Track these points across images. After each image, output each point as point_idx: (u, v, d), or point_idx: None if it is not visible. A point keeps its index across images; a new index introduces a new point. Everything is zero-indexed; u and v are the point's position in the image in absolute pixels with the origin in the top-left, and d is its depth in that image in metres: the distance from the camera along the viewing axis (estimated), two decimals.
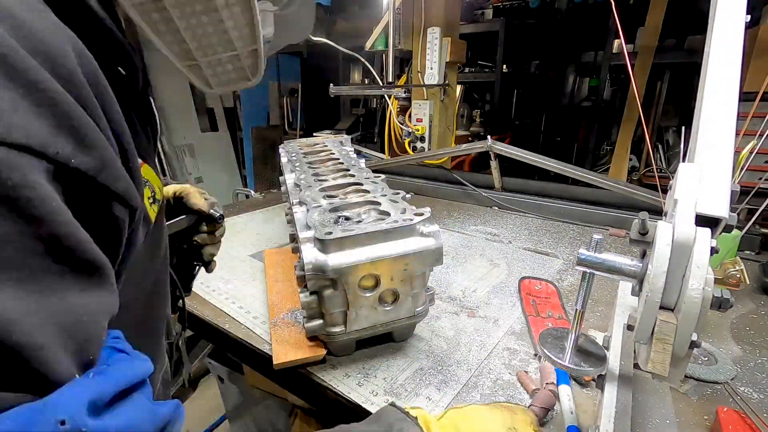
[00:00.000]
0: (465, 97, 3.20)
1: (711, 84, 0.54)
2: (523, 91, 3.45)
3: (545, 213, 1.61)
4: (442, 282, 1.09)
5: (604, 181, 1.48)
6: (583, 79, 3.25)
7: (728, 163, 0.49)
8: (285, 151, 1.30)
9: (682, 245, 0.44)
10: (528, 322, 0.90)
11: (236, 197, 2.30)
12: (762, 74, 1.08)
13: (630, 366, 0.61)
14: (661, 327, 0.44)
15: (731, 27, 0.56)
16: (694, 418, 0.65)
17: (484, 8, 2.92)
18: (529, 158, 1.59)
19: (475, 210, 1.72)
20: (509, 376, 0.75)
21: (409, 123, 2.09)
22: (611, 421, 0.53)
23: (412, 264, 0.70)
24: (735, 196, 0.48)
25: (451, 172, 1.93)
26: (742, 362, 0.78)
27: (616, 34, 2.40)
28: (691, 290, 0.42)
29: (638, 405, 0.64)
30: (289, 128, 3.63)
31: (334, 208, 0.80)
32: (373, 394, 0.70)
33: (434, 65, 1.96)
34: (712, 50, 0.56)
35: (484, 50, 3.02)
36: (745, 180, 0.92)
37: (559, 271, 1.15)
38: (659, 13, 2.21)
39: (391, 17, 1.95)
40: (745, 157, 0.94)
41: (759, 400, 0.68)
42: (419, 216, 0.73)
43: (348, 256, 0.67)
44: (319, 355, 0.76)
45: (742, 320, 0.92)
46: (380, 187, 0.90)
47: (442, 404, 0.68)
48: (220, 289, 1.05)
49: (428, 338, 0.85)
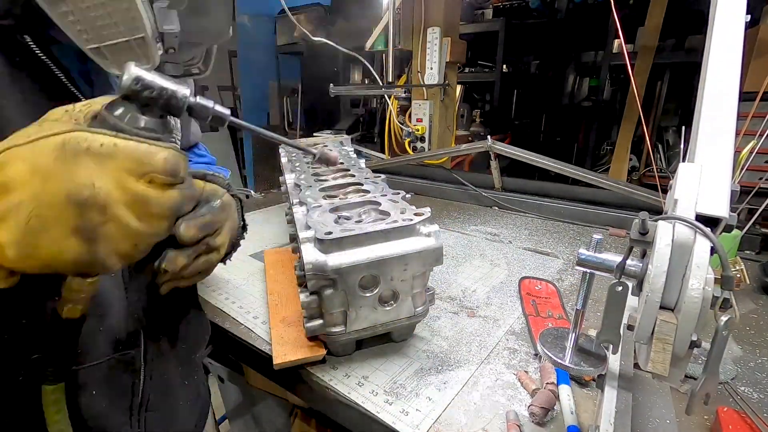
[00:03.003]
0: (465, 97, 3.20)
1: (711, 84, 0.54)
2: (523, 91, 3.44)
3: (545, 213, 1.61)
4: (442, 282, 1.09)
5: (604, 181, 1.48)
6: (583, 79, 3.25)
7: (728, 163, 0.49)
8: (285, 151, 1.30)
9: (682, 245, 0.44)
10: (528, 322, 0.90)
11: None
12: (762, 74, 1.07)
13: (630, 366, 0.61)
14: (661, 327, 0.44)
15: (731, 27, 0.56)
16: (694, 417, 0.65)
17: (484, 8, 2.92)
18: (529, 158, 1.59)
19: (475, 210, 1.72)
20: (509, 375, 0.75)
21: (409, 123, 2.09)
22: (611, 421, 0.53)
23: (412, 264, 0.70)
24: (735, 195, 0.48)
25: (451, 172, 1.93)
26: (743, 362, 0.78)
27: (616, 34, 2.40)
28: (691, 290, 0.42)
29: (638, 405, 0.64)
30: (288, 128, 3.62)
31: (334, 208, 0.80)
32: (373, 394, 0.70)
33: (434, 65, 1.96)
34: (712, 50, 0.56)
35: (484, 50, 3.02)
36: (745, 180, 0.92)
37: (559, 271, 1.15)
38: (659, 13, 2.21)
39: (391, 17, 1.95)
40: (745, 157, 0.94)
41: (759, 400, 0.68)
42: (419, 216, 0.73)
43: (348, 256, 0.67)
44: (320, 355, 0.76)
45: (742, 320, 0.91)
46: (380, 187, 0.90)
47: (442, 404, 0.68)
48: (220, 289, 1.05)
49: (428, 338, 0.85)
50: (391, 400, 0.69)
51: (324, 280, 0.67)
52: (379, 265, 0.68)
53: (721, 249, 0.43)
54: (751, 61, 1.62)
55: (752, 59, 1.63)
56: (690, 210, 0.46)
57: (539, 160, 1.57)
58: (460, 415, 0.66)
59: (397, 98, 2.12)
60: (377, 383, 0.73)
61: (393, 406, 0.67)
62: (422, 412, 0.66)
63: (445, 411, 0.67)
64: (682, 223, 0.45)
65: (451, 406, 0.68)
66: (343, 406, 0.70)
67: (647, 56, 2.31)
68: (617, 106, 2.82)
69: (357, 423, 0.69)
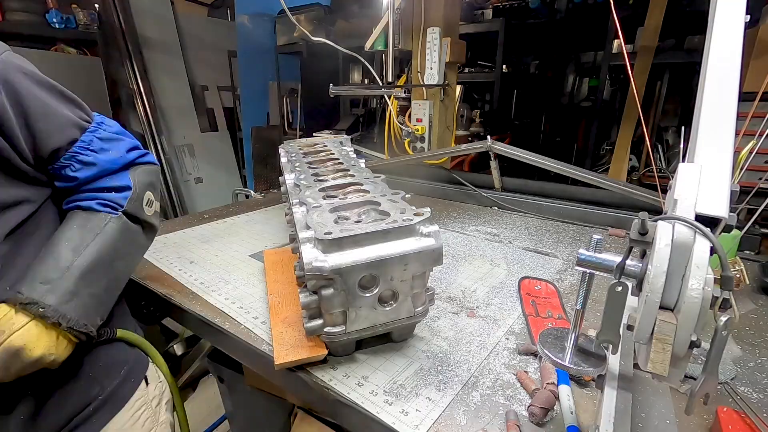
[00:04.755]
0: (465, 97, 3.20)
1: (710, 84, 0.54)
2: (523, 91, 3.45)
3: (545, 213, 1.61)
4: (442, 282, 1.09)
5: (603, 181, 1.48)
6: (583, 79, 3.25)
7: (728, 163, 0.49)
8: (285, 151, 1.30)
9: (682, 245, 0.44)
10: (528, 322, 0.90)
11: (236, 197, 2.30)
12: (761, 74, 1.07)
13: (630, 366, 0.61)
14: (660, 327, 0.44)
15: (731, 27, 0.56)
16: (693, 418, 0.65)
17: (483, 8, 2.92)
18: (529, 158, 1.59)
19: (474, 210, 1.72)
20: (509, 376, 0.75)
21: (408, 123, 2.09)
22: (611, 421, 0.52)
23: (411, 264, 0.70)
24: (735, 196, 0.48)
25: (451, 172, 1.93)
26: (742, 362, 0.78)
27: (615, 34, 2.40)
28: (691, 290, 0.42)
29: (638, 405, 0.64)
30: (288, 128, 3.62)
31: (333, 208, 0.80)
32: (372, 394, 0.70)
33: (434, 65, 1.96)
34: (712, 50, 0.56)
35: (483, 50, 3.02)
36: (744, 180, 0.92)
37: (558, 271, 1.15)
38: (659, 13, 2.21)
39: (390, 17, 1.94)
40: (744, 157, 0.94)
41: (758, 400, 0.68)
42: (419, 216, 0.73)
43: (347, 256, 0.67)
44: (320, 355, 0.76)
45: (741, 320, 0.92)
46: (380, 187, 0.90)
47: (442, 404, 0.68)
48: (220, 289, 1.05)
49: (428, 338, 0.85)
50: (391, 401, 0.69)
51: (323, 280, 0.67)
52: (379, 265, 0.68)
53: (721, 249, 0.43)
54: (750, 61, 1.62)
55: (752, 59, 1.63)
56: (690, 210, 0.46)
57: (539, 160, 1.57)
58: (460, 416, 0.66)
59: (396, 98, 2.12)
60: (377, 383, 0.73)
61: (393, 407, 0.67)
62: (422, 413, 0.66)
63: (445, 411, 0.67)
64: (682, 223, 0.45)
65: (450, 406, 0.68)
66: (343, 406, 0.70)
67: (647, 56, 2.31)
68: (617, 106, 2.82)
69: (357, 423, 0.69)
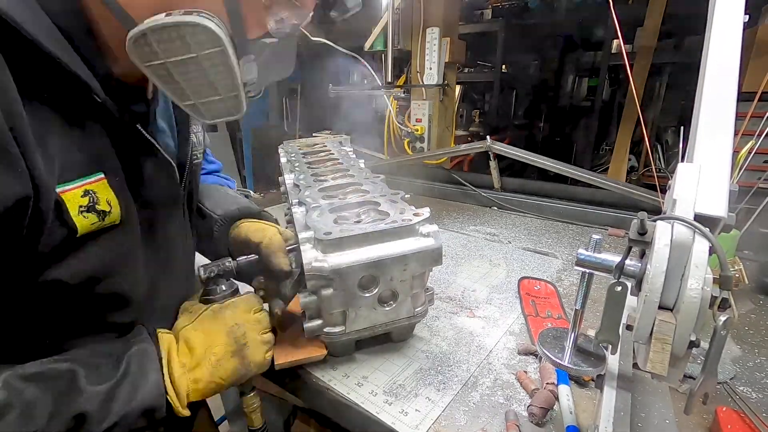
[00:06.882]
0: (464, 97, 3.20)
1: (710, 84, 0.55)
2: (522, 92, 3.45)
3: (544, 213, 1.62)
4: (442, 282, 1.09)
5: (603, 181, 1.48)
6: (582, 80, 3.26)
7: (727, 163, 0.49)
8: (284, 152, 1.30)
9: (681, 245, 0.44)
10: (527, 322, 0.90)
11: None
12: (760, 74, 1.08)
13: (629, 366, 0.61)
14: (660, 327, 0.44)
15: (730, 27, 0.56)
16: (693, 417, 0.65)
17: (483, 8, 2.92)
18: (529, 158, 1.59)
19: (474, 210, 1.72)
20: (509, 376, 0.75)
21: (408, 123, 2.09)
22: (610, 420, 0.53)
23: (411, 264, 0.70)
24: (734, 195, 0.48)
25: (451, 172, 1.93)
26: (741, 362, 0.78)
27: (614, 34, 2.41)
28: (690, 290, 0.42)
29: (637, 405, 0.64)
30: (288, 128, 3.62)
31: (333, 209, 0.80)
32: (372, 394, 0.70)
33: (433, 65, 1.96)
34: (711, 50, 0.56)
35: (483, 50, 3.03)
36: (743, 180, 0.92)
37: (558, 271, 1.15)
38: (658, 13, 2.22)
39: (390, 17, 1.95)
40: (743, 157, 0.94)
41: (758, 400, 0.68)
42: (418, 216, 0.73)
43: (347, 256, 0.67)
44: (320, 355, 0.76)
45: (741, 320, 0.92)
46: (379, 187, 0.90)
47: (441, 404, 0.68)
48: None
49: (428, 338, 0.85)
50: (391, 401, 0.69)
51: (323, 280, 0.67)
52: (379, 266, 0.68)
53: (720, 249, 0.43)
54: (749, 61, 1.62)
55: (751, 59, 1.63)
56: (689, 210, 0.46)
57: (538, 160, 1.58)
58: (460, 416, 0.66)
59: (396, 98, 2.12)
60: (377, 383, 0.73)
61: (392, 407, 0.67)
62: (421, 413, 0.66)
63: (445, 411, 0.67)
64: (681, 223, 0.45)
65: (450, 406, 0.68)
66: (342, 406, 0.70)
67: (646, 57, 2.32)
68: (616, 106, 2.83)
69: (356, 423, 0.69)
